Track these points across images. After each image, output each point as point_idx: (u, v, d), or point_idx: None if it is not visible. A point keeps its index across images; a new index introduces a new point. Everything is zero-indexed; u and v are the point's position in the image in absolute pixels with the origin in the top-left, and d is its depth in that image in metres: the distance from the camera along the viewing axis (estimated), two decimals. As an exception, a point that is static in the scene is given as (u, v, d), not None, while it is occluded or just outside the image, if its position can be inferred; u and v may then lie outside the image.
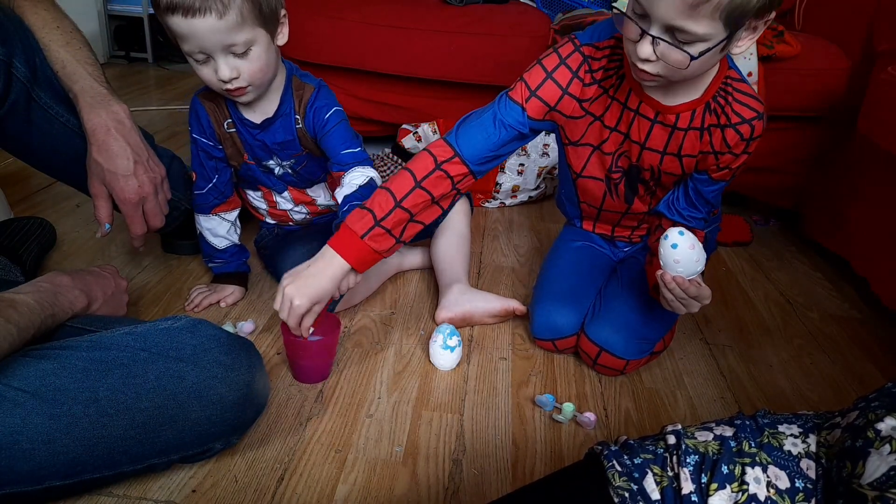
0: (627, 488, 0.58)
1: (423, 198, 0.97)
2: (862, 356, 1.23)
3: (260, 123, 1.13)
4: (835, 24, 1.71)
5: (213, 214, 1.21)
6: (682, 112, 0.95)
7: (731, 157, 0.96)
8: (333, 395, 1.01)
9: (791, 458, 0.57)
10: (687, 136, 0.97)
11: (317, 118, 1.12)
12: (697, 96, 0.94)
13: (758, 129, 0.94)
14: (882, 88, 1.25)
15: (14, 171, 1.72)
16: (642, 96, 0.96)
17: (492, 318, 1.22)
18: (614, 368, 1.08)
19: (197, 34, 0.94)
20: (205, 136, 1.15)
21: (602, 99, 1.00)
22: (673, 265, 0.92)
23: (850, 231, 1.42)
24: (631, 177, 1.06)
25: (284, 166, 1.19)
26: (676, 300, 0.95)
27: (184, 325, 0.80)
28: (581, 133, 1.04)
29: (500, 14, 1.89)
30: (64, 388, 0.70)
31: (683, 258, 0.92)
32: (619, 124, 1.01)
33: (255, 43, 0.99)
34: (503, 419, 0.99)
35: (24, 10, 1.03)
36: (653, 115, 0.97)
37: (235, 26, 0.95)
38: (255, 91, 1.05)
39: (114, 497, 0.80)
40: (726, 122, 0.94)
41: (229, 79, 1.00)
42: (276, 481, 0.84)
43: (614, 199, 1.11)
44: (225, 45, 0.97)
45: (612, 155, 1.04)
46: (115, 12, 3.12)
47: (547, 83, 0.99)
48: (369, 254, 0.96)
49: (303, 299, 0.94)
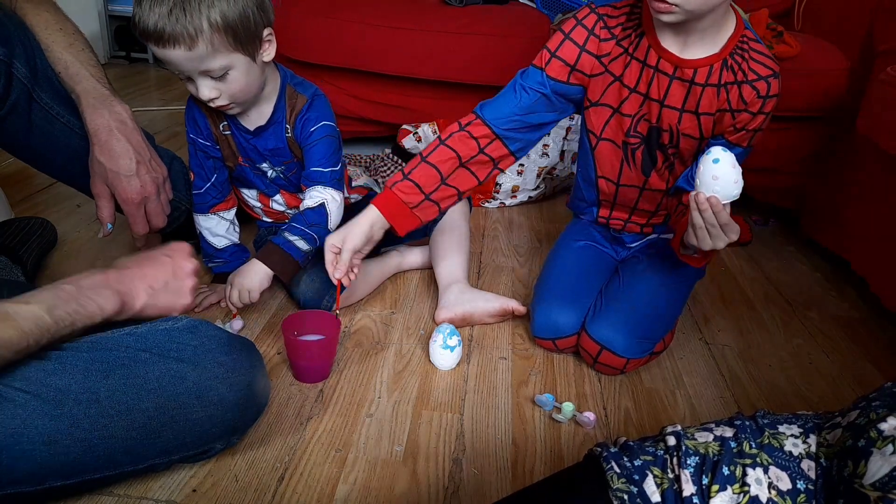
0: (627, 490, 0.57)
1: (449, 154, 1.06)
2: (861, 356, 1.23)
3: (252, 130, 1.14)
4: (834, 24, 1.71)
5: (212, 213, 1.22)
6: (700, 67, 0.97)
7: (747, 115, 0.97)
8: (334, 394, 1.01)
9: (792, 458, 0.57)
10: (704, 93, 0.99)
11: (304, 130, 1.14)
12: (715, 51, 0.96)
13: (774, 87, 0.95)
14: (882, 88, 1.25)
15: (15, 171, 1.72)
16: (661, 51, 0.99)
17: (491, 318, 1.22)
18: (614, 367, 1.08)
19: (171, 61, 0.98)
20: (202, 136, 1.16)
21: (622, 58, 1.03)
22: (710, 182, 0.88)
23: (849, 231, 1.42)
24: (650, 142, 1.07)
25: (277, 170, 1.20)
26: (705, 227, 0.91)
27: (184, 325, 0.80)
28: (600, 92, 1.07)
29: (500, 14, 1.89)
30: (65, 389, 0.70)
31: (723, 175, 0.87)
32: (639, 84, 1.03)
33: (233, 67, 1.00)
34: (503, 419, 0.99)
35: (25, 11, 1.03)
36: (671, 71, 0.99)
37: (207, 55, 0.97)
38: (239, 106, 1.08)
39: (115, 497, 0.80)
40: (743, 78, 0.96)
41: (209, 99, 1.03)
42: (276, 481, 0.84)
43: (632, 169, 1.11)
44: (201, 71, 0.99)
45: (631, 118, 1.05)
46: (115, 13, 3.12)
47: (565, 43, 1.05)
48: (398, 204, 1.05)
49: (334, 238, 1.06)
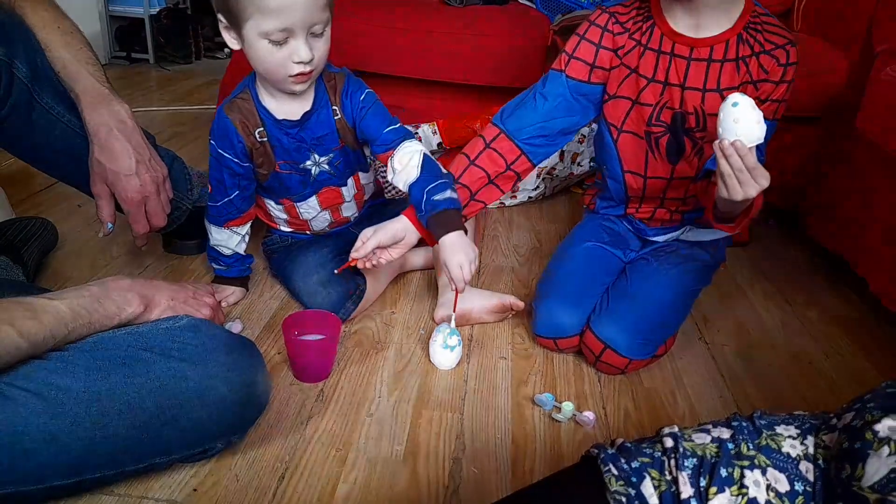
0: (625, 493, 0.57)
1: (479, 174, 1.12)
2: (861, 356, 1.23)
3: (299, 119, 1.10)
4: (834, 24, 1.71)
5: (226, 228, 1.19)
6: (716, 44, 0.99)
7: (770, 85, 0.99)
8: (334, 394, 1.01)
9: (790, 460, 0.57)
10: (724, 69, 1.00)
11: (353, 103, 1.12)
12: (729, 27, 0.99)
13: (792, 54, 0.97)
14: (881, 88, 1.25)
15: (16, 170, 1.72)
16: (674, 37, 1.01)
17: (490, 315, 1.22)
18: (616, 367, 1.08)
19: (294, 8, 0.93)
20: (233, 151, 1.10)
21: (636, 50, 1.06)
22: (732, 126, 0.87)
23: (849, 231, 1.42)
24: (676, 129, 1.07)
25: (322, 164, 1.16)
26: (734, 174, 0.89)
27: (185, 325, 0.80)
28: (617, 84, 1.09)
29: (500, 15, 1.89)
30: (66, 388, 0.70)
31: (743, 117, 0.86)
32: (657, 73, 1.04)
33: (329, 23, 1.00)
34: (503, 418, 0.99)
35: (24, 10, 1.03)
36: (687, 53, 1.01)
37: (325, 3, 0.96)
38: (314, 77, 1.05)
39: (115, 496, 0.80)
40: (760, 49, 0.98)
41: (308, 59, 0.98)
42: (276, 480, 0.85)
43: (657, 158, 1.11)
44: (310, 24, 0.96)
45: (651, 107, 1.07)
46: (116, 13, 3.12)
47: (582, 44, 1.09)
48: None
49: (368, 230, 1.10)
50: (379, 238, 1.08)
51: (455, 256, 1.04)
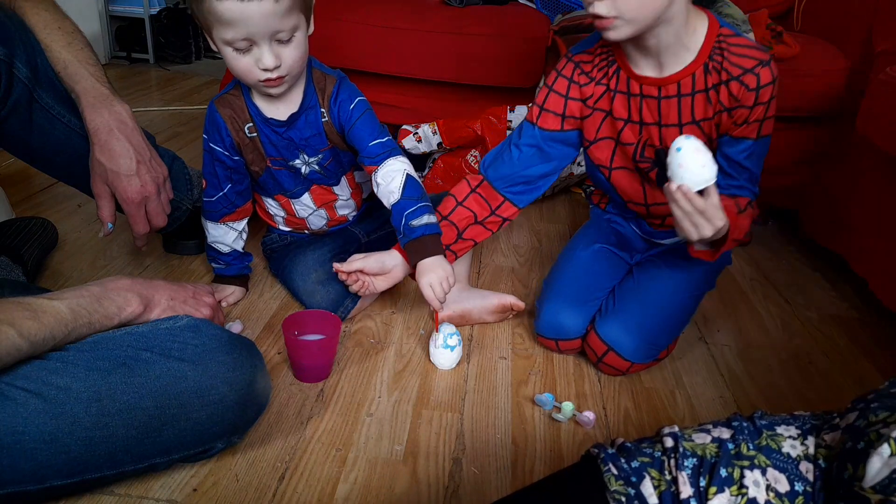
0: (625, 493, 0.57)
1: (466, 214, 1.13)
2: (861, 356, 1.23)
3: (286, 119, 1.11)
4: (834, 24, 1.71)
5: (222, 223, 1.20)
6: (682, 79, 0.97)
7: (744, 110, 0.96)
8: (334, 394, 1.01)
9: (790, 460, 0.57)
10: (695, 101, 0.98)
11: (342, 111, 1.11)
12: (691, 60, 0.96)
13: (764, 76, 0.93)
14: (881, 88, 1.25)
15: (16, 171, 1.72)
16: (640, 79, 0.99)
17: (490, 315, 1.22)
18: (618, 369, 1.08)
19: (249, 19, 0.92)
20: (222, 145, 1.13)
21: (606, 95, 1.04)
22: (678, 171, 0.88)
23: (848, 231, 1.42)
24: (662, 163, 1.06)
25: (311, 164, 1.17)
26: (685, 217, 0.90)
27: (185, 324, 0.80)
28: (596, 128, 1.08)
29: (500, 15, 1.89)
30: (66, 388, 0.70)
31: (687, 162, 0.87)
32: (631, 114, 1.03)
33: (298, 29, 0.98)
34: (503, 418, 0.99)
35: (24, 10, 1.03)
36: (656, 93, 0.99)
37: (286, 11, 0.94)
38: (289, 81, 1.04)
39: (115, 496, 0.80)
40: (727, 76, 0.95)
41: (273, 67, 0.98)
42: (276, 480, 0.85)
43: (654, 188, 1.10)
44: (273, 31, 0.95)
45: (633, 146, 1.06)
46: (116, 13, 3.13)
47: (550, 95, 1.08)
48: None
49: (359, 255, 1.12)
50: (366, 264, 1.10)
51: (424, 277, 1.05)
